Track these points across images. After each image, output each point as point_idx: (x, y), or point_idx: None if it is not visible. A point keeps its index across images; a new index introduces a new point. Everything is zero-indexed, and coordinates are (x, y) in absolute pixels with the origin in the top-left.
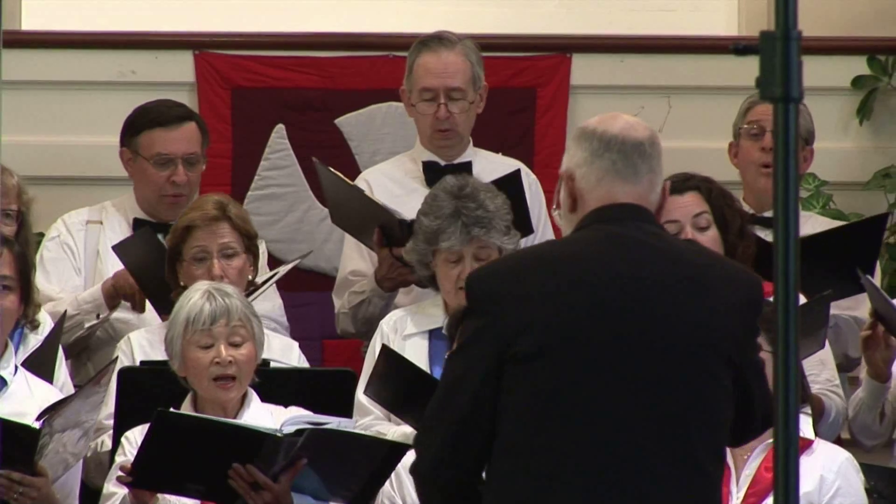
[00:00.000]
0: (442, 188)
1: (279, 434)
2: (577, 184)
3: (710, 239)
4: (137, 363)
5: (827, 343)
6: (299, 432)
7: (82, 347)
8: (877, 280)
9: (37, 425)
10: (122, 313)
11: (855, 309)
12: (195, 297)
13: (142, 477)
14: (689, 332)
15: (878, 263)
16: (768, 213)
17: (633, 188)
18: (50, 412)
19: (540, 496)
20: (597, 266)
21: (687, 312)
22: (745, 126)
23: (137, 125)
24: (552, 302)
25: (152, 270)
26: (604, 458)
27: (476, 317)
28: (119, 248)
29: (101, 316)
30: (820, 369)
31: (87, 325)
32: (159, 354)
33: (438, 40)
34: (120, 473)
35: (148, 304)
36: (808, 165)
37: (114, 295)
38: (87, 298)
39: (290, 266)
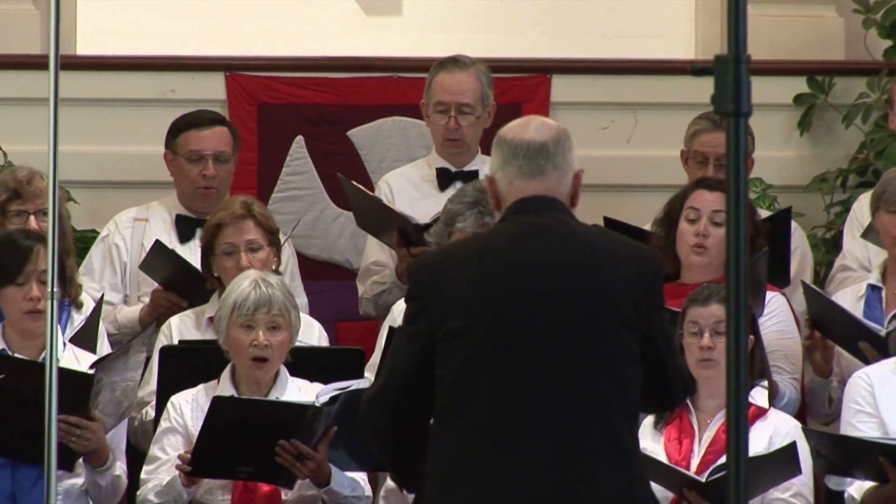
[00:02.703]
0: (472, 184)
1: (318, 405)
2: (497, 186)
3: (721, 235)
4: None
5: (798, 341)
6: (333, 400)
7: None
8: (808, 273)
9: (91, 372)
10: None
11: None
12: (244, 285)
13: (198, 466)
14: (592, 301)
15: (790, 255)
16: None
17: (540, 184)
18: (101, 362)
19: (469, 452)
20: (511, 252)
21: (590, 285)
22: (692, 153)
23: (177, 129)
24: (473, 287)
25: (176, 275)
26: (523, 414)
27: (413, 301)
28: (143, 267)
29: None
30: (784, 363)
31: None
32: (196, 335)
33: (454, 62)
34: (178, 462)
35: None
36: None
37: (153, 321)
38: (124, 323)
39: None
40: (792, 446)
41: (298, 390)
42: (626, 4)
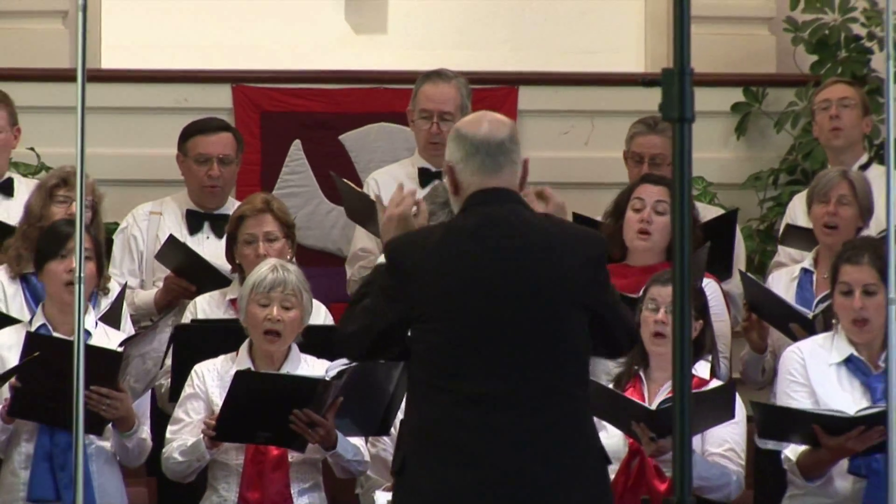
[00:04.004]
0: (443, 184)
1: (327, 379)
2: (457, 175)
3: (663, 222)
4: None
5: (728, 323)
6: (340, 374)
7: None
8: (742, 261)
9: (119, 349)
10: None
11: (726, 283)
12: (264, 269)
13: (222, 431)
14: (548, 286)
15: (735, 250)
16: None
17: (498, 178)
18: (130, 340)
19: (444, 418)
20: (475, 243)
21: (544, 270)
22: (630, 154)
23: (186, 134)
24: (443, 277)
25: (186, 264)
26: (489, 390)
27: (392, 277)
28: (158, 257)
29: (153, 320)
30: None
31: (142, 324)
32: (218, 314)
33: (438, 74)
34: (203, 427)
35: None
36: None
37: (166, 304)
38: (141, 305)
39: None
40: (730, 386)
41: (307, 365)
42: (584, 24)
